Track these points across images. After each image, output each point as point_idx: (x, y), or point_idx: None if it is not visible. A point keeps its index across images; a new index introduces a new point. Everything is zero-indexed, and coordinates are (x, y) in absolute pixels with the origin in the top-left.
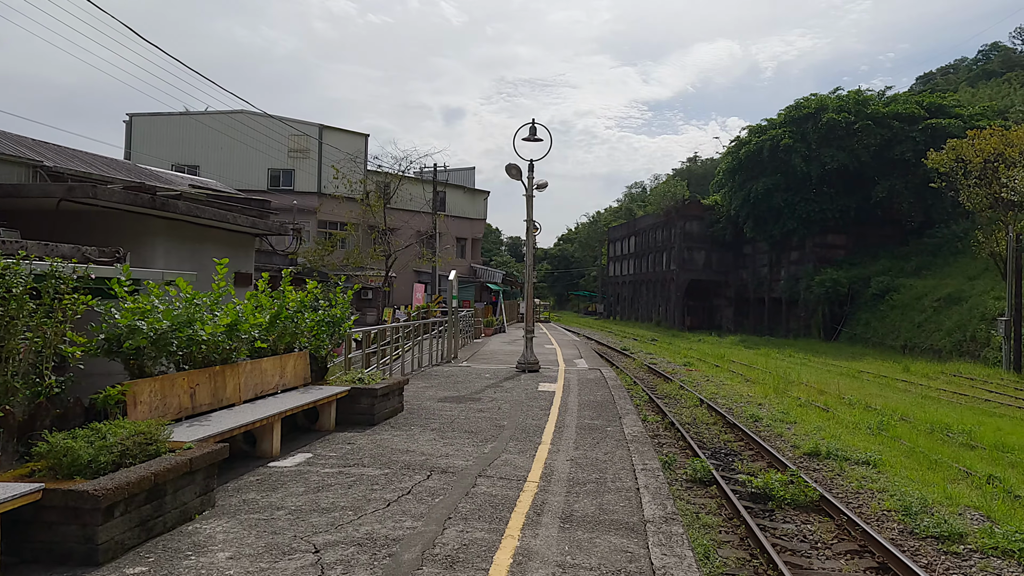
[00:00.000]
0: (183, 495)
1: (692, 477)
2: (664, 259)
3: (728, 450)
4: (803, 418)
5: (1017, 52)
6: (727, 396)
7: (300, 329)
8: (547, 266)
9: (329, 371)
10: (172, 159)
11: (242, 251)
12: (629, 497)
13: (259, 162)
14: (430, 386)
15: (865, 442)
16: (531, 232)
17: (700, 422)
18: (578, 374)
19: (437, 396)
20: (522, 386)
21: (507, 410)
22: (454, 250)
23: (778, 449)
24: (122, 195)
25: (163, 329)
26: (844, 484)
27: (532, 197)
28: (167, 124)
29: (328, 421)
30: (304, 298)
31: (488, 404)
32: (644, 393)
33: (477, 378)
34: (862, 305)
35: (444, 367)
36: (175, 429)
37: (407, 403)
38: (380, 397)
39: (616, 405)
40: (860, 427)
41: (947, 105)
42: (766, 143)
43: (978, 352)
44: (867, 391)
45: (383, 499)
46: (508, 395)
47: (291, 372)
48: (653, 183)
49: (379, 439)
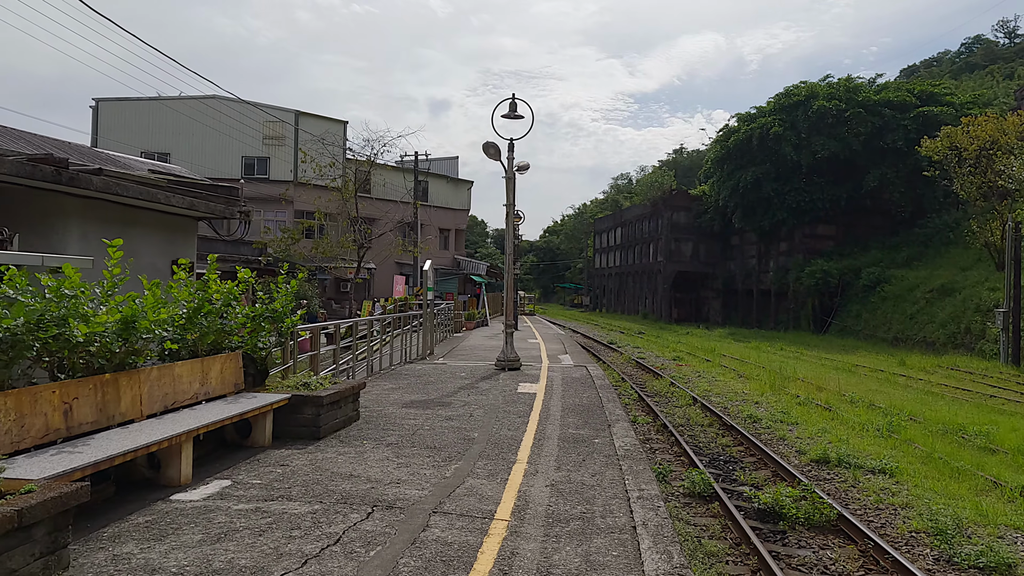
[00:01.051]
0: (13, 560)
1: (690, 491)
2: (651, 250)
3: (728, 456)
4: (805, 418)
5: (999, 45)
6: (721, 393)
7: (229, 326)
8: (533, 258)
9: (281, 373)
10: (141, 146)
11: (180, 236)
12: (624, 541)
13: (232, 149)
14: (397, 387)
15: (876, 446)
16: (511, 217)
17: (695, 423)
18: (562, 372)
19: (402, 400)
20: (500, 387)
21: (480, 418)
22: (437, 241)
23: (782, 455)
24: (14, 166)
25: (16, 329)
26: (861, 498)
27: (512, 179)
28: (136, 110)
29: (263, 436)
30: (232, 288)
31: (459, 410)
32: (633, 391)
33: (451, 378)
34: (852, 297)
35: (417, 365)
36: (31, 459)
37: (365, 409)
38: (328, 406)
39: (604, 409)
40: (868, 429)
41: (938, 93)
42: (755, 131)
43: (973, 344)
44: (867, 387)
45: (300, 554)
46: (483, 398)
47: (217, 378)
48: (639, 175)
49: (320, 458)
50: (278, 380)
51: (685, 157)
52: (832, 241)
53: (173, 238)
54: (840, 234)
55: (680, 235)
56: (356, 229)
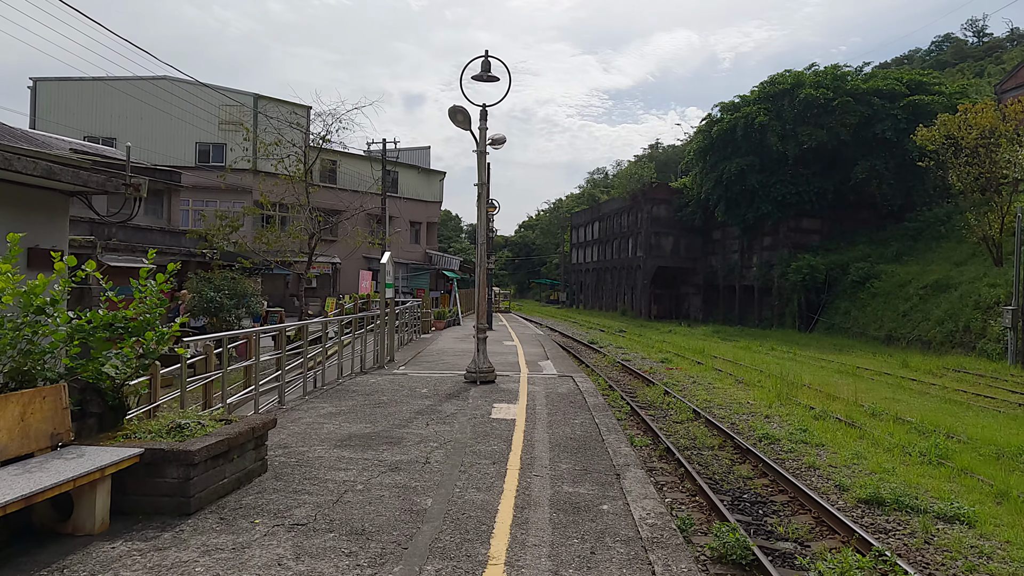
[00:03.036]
0: None
1: (721, 554)
2: (630, 245)
3: (753, 495)
4: (829, 438)
5: (968, 44)
6: (724, 404)
7: (34, 346)
8: (507, 253)
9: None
10: (85, 130)
11: (43, 216)
12: None
13: (186, 135)
14: (338, 411)
15: (930, 479)
16: (484, 199)
17: (702, 445)
18: (545, 385)
19: (338, 434)
20: (470, 409)
21: (439, 465)
22: (407, 235)
23: (819, 491)
24: None
25: None
26: (948, 563)
27: (485, 153)
28: (78, 91)
29: (90, 518)
30: (35, 288)
31: (411, 451)
32: (623, 401)
33: (409, 396)
34: (840, 293)
35: (372, 376)
36: None
37: (283, 451)
38: (204, 464)
39: (605, 445)
40: (910, 453)
41: (927, 82)
42: (740, 120)
43: (973, 343)
44: (880, 394)
45: None
46: (446, 429)
47: (15, 428)
48: (616, 169)
49: (169, 565)
50: (141, 422)
51: (661, 152)
52: (817, 235)
53: (30, 218)
54: (826, 228)
55: (660, 229)
56: (307, 217)
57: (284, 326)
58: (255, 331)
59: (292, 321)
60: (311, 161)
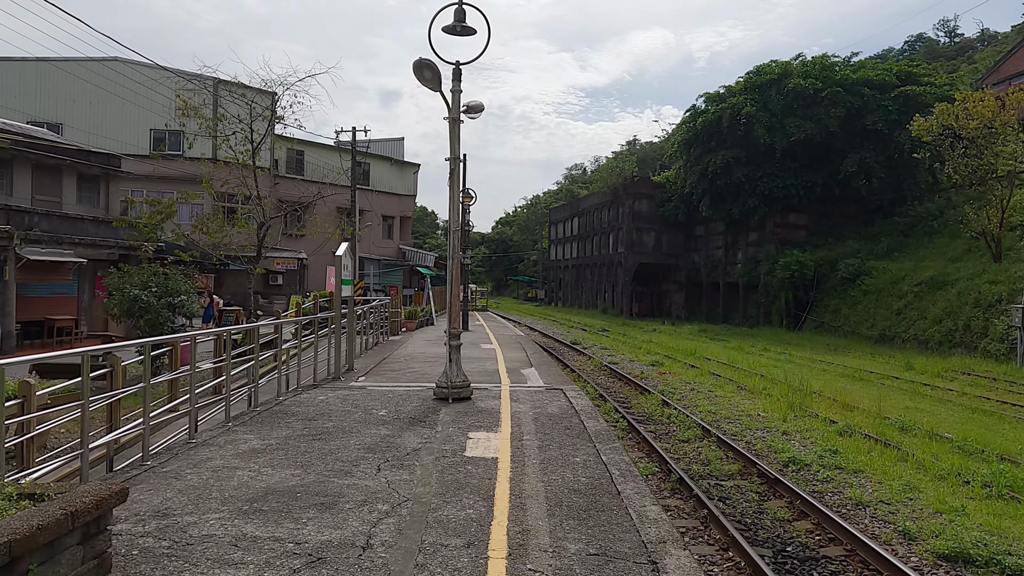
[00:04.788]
0: None
1: None
2: (611, 241)
3: (799, 546)
4: (866, 461)
5: (940, 44)
6: (732, 418)
7: None
8: (485, 250)
9: None
10: (29, 114)
11: None
12: None
13: (140, 121)
14: (263, 447)
15: (1011, 520)
16: (457, 176)
17: (719, 472)
18: (532, 402)
19: (250, 490)
20: (437, 443)
21: (384, 555)
22: (380, 229)
23: (884, 542)
24: None
25: None
26: None
27: (458, 120)
28: (21, 72)
29: None
30: None
31: (347, 525)
32: (618, 414)
33: (363, 420)
34: (829, 291)
35: (322, 391)
36: None
37: (153, 529)
38: None
39: (623, 501)
40: (970, 483)
41: (917, 73)
42: (726, 112)
43: (975, 343)
44: (898, 402)
45: None
46: (403, 478)
47: None
48: (594, 165)
49: None
50: None
51: (639, 148)
52: (804, 231)
53: None
54: (813, 223)
55: (642, 224)
56: (255, 204)
57: (250, 326)
58: (227, 330)
59: (254, 321)
60: (259, 139)
